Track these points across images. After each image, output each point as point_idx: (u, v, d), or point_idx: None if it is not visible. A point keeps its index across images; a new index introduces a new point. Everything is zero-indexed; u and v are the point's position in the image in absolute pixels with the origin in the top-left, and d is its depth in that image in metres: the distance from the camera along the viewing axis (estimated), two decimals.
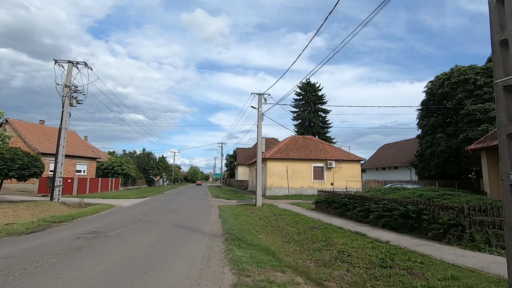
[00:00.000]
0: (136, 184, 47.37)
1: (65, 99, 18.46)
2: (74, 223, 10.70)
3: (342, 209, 11.90)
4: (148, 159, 54.51)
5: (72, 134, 35.89)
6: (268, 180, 26.76)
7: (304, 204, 18.30)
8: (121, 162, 38.76)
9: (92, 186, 29.98)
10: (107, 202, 19.79)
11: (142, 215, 13.02)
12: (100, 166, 38.35)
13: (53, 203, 16.71)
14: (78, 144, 34.73)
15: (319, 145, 30.51)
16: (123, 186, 40.65)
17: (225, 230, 8.86)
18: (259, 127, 18.89)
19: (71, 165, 31.56)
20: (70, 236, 7.95)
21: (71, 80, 18.80)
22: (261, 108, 19.01)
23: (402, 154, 42.43)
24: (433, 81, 30.95)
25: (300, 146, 29.81)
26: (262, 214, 14.51)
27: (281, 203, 20.15)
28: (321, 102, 45.27)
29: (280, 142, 33.00)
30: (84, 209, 15.46)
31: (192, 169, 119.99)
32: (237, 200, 22.98)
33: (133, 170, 40.70)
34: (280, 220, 12.33)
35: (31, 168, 13.99)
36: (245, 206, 18.00)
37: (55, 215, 12.66)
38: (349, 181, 28.04)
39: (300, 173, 27.54)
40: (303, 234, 9.56)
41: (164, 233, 8.57)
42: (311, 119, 43.64)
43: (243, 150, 57.59)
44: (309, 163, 27.82)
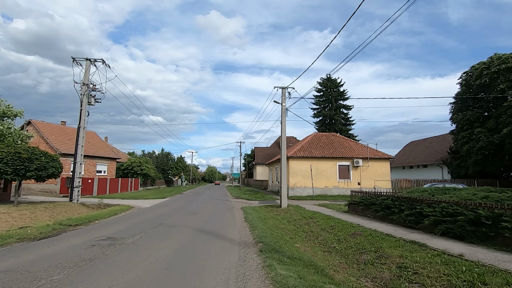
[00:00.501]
0: (155, 184, 47.36)
1: (83, 98, 18.00)
2: (91, 227, 9.91)
3: (384, 212, 10.45)
4: (166, 159, 54.52)
5: (92, 135, 36.12)
6: (291, 180, 25.43)
7: (334, 206, 16.87)
8: (141, 162, 38.66)
9: (112, 186, 29.82)
10: (126, 203, 19.22)
11: (161, 217, 12.13)
12: (120, 167, 38.41)
13: (72, 204, 16.24)
14: (98, 145, 34.85)
15: (344, 142, 28.82)
16: (142, 186, 40.60)
17: (256, 237, 7.70)
18: (283, 123, 17.64)
19: (91, 165, 31.61)
20: (84, 244, 7.07)
21: (89, 78, 18.34)
22: (285, 102, 17.76)
23: (432, 151, 39.79)
24: (469, 72, 28.45)
25: (323, 143, 28.26)
26: (290, 217, 13.26)
27: (307, 204, 18.81)
28: (343, 98, 43.31)
29: (302, 140, 31.57)
30: (103, 210, 14.82)
31: (210, 169, 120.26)
32: (259, 201, 21.84)
33: (152, 170, 40.54)
34: (313, 225, 11.05)
35: (49, 169, 13.46)
36: (269, 208, 16.82)
37: (72, 217, 12.01)
38: (378, 180, 26.21)
39: (325, 172, 26.02)
40: (344, 242, 8.25)
41: (187, 241, 7.53)
42: (332, 116, 41.80)
43: (261, 149, 56.45)
44: (334, 161, 26.24)
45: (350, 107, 43.17)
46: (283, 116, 17.64)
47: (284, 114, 17.72)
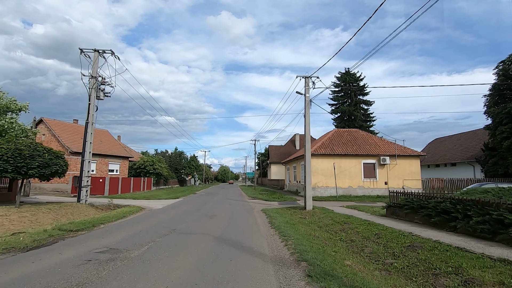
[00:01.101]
0: (168, 183, 46.47)
1: (92, 91, 16.85)
2: (93, 233, 8.54)
3: (441, 218, 8.60)
4: (179, 159, 53.63)
5: (105, 134, 35.41)
6: (312, 179, 23.57)
7: (365, 208, 15.01)
8: (153, 161, 37.73)
9: (124, 186, 28.86)
10: (138, 204, 17.99)
11: (174, 221, 10.68)
12: (133, 166, 37.61)
13: (80, 205, 15.09)
14: (111, 144, 34.07)
15: (368, 138, 26.75)
16: (155, 186, 39.69)
17: (294, 251, 6.07)
18: (307, 116, 15.91)
19: (103, 164, 30.80)
20: (78, 258, 5.64)
21: (97, 71, 17.19)
22: (309, 93, 16.03)
23: (461, 148, 36.97)
24: (506, 61, 25.80)
25: (346, 140, 26.29)
26: (319, 221, 11.55)
27: (333, 205, 17.02)
28: (363, 93, 40.99)
29: (322, 137, 29.68)
30: (111, 212, 13.55)
31: (222, 169, 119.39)
32: (279, 202, 20.18)
33: (165, 170, 39.57)
34: (351, 232, 9.31)
35: (52, 166, 12.27)
36: (291, 210, 15.15)
37: (76, 220, 10.72)
38: (406, 179, 24.05)
39: (348, 170, 24.08)
40: (402, 257, 6.50)
41: (205, 255, 5.99)
42: (352, 112, 39.58)
43: (275, 148, 54.73)
44: (358, 159, 24.26)
45: (370, 103, 40.84)
46: (306, 108, 15.92)
47: (308, 106, 15.99)
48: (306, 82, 15.99)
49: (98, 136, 33.37)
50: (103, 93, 17.74)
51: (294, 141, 55.68)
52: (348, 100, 41.39)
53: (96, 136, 33.86)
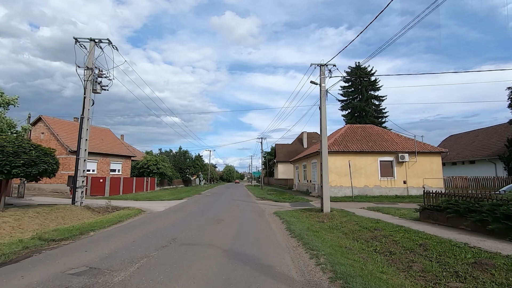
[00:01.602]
0: (173, 183, 45.22)
1: (87, 84, 15.51)
2: (77, 244, 7.12)
3: (501, 225, 6.98)
4: (184, 158, 52.35)
5: (107, 132, 34.24)
6: None
7: (390, 210, 13.37)
8: (157, 160, 36.45)
9: (126, 186, 27.59)
10: (138, 206, 16.63)
11: (175, 228, 9.22)
12: (136, 165, 36.38)
13: (74, 207, 13.75)
14: (112, 142, 32.87)
15: (383, 134, 25.04)
16: (159, 186, 38.44)
17: (332, 274, 4.53)
18: (323, 108, 14.34)
19: (105, 164, 29.59)
20: (44, 283, 4.20)
21: (93, 62, 15.87)
22: (325, 83, 14.45)
23: (480, 145, 34.95)
24: None
25: (360, 136, 24.62)
26: (343, 226, 10.00)
27: (351, 207, 15.43)
28: (374, 88, 39.18)
29: (334, 133, 28.02)
30: (106, 216, 12.16)
31: (228, 168, 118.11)
32: (290, 203, 18.63)
33: (169, 169, 38.27)
34: (386, 241, 7.73)
35: (40, 165, 10.92)
36: (306, 212, 13.61)
37: (61, 227, 9.31)
38: (427, 178, 22.30)
39: (363, 169, 22.41)
40: (471, 280, 4.94)
41: (214, 279, 4.48)
42: (363, 107, 37.80)
43: (282, 147, 53.12)
44: (374, 156, 22.58)
45: (382, 98, 39.02)
46: (322, 99, 14.34)
47: (324, 97, 14.41)
48: (322, 71, 14.41)
49: (99, 135, 32.22)
50: (100, 86, 16.40)
51: (301, 139, 54.01)
52: (358, 95, 39.64)
53: (98, 135, 32.73)
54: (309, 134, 54.19)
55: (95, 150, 28.30)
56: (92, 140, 29.99)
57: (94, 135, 31.24)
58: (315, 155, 24.58)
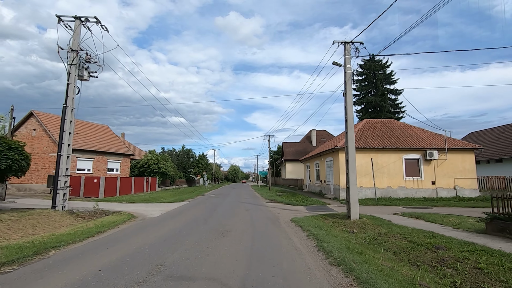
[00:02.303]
0: (175, 184, 43.12)
1: (71, 68, 13.37)
2: (19, 274, 4.88)
3: None
4: (187, 157, 50.21)
5: (105, 129, 32.24)
6: (341, 178, 19.59)
7: (437, 218, 10.91)
8: (158, 159, 34.34)
9: (124, 186, 25.47)
10: (132, 209, 14.45)
11: (167, 245, 6.96)
12: (136, 164, 34.33)
13: (54, 212, 11.59)
14: (110, 140, 30.83)
15: (406, 130, 22.50)
16: (160, 187, 36.36)
17: None
18: (348, 94, 11.96)
19: (101, 162, 27.54)
20: None
21: (78, 43, 13.73)
22: (350, 63, 12.06)
23: (507, 143, 32.10)
24: None
25: (380, 132, 22.13)
26: (386, 241, 7.61)
27: (380, 212, 13.03)
28: (390, 81, 36.55)
29: None
30: (85, 225, 9.95)
31: (233, 168, 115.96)
32: (306, 207, 16.26)
33: (171, 169, 36.15)
34: (462, 267, 5.35)
35: (2, 162, 8.77)
36: (329, 219, 11.25)
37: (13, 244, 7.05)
38: (459, 178, 19.72)
39: (386, 167, 19.94)
40: None
41: None
42: (378, 102, 35.21)
43: (290, 145, 50.69)
44: (398, 154, 20.08)
45: (399, 92, 36.34)
46: (347, 83, 11.95)
47: (350, 81, 12.02)
48: (347, 50, 12.01)
49: (97, 132, 30.22)
50: (88, 72, 14.25)
51: (310, 137, 51.55)
52: (372, 89, 37.03)
53: (95, 132, 30.75)
54: (318, 132, 51.70)
55: (91, 148, 26.27)
56: (89, 137, 28.00)
57: (91, 132, 29.25)
58: (329, 153, 22.15)
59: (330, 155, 22.15)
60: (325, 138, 51.50)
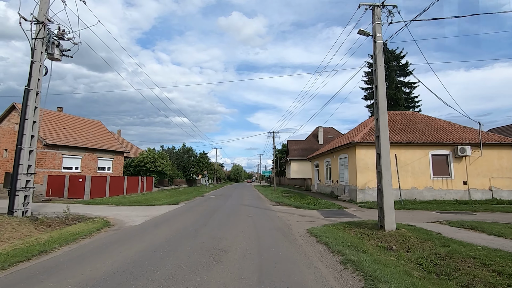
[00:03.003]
0: (174, 183, 40.79)
1: (37, 44, 11.00)
2: None
3: None
4: (187, 156, 47.88)
5: (96, 125, 29.95)
6: (359, 178, 17.05)
7: (500, 230, 8.34)
8: (155, 157, 31.99)
9: (115, 186, 23.14)
10: (112, 215, 12.07)
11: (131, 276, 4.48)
12: (131, 163, 32.03)
13: (9, 219, 9.26)
14: (102, 136, 28.52)
15: (431, 123, 19.86)
16: (158, 187, 34.04)
17: None
18: (379, 70, 9.47)
19: (91, 160, 25.22)
20: None
21: (46, 12, 11.35)
22: (381, 32, 9.55)
23: None
24: None
25: (402, 125, 19.53)
26: (456, 269, 5.09)
27: (415, 220, 10.50)
28: (404, 73, 33.83)
29: (364, 123, 22.91)
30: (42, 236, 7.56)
31: (235, 168, 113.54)
32: (320, 211, 13.74)
33: (168, 168, 33.78)
34: None
35: None
36: (355, 230, 8.75)
37: None
38: (495, 177, 17.07)
39: (410, 165, 17.34)
40: None
41: None
42: (392, 95, 32.53)
43: (295, 143, 48.13)
44: (424, 149, 17.49)
45: (414, 85, 33.63)
46: (378, 56, 9.47)
47: (381, 53, 9.54)
48: (376, 15, 9.51)
49: (87, 128, 27.91)
50: (60, 50, 11.87)
51: (316, 134, 48.97)
52: (386, 82, 34.32)
53: (86, 128, 28.44)
54: (324, 130, 49.10)
55: (79, 144, 23.97)
56: (78, 132, 25.69)
57: (81, 127, 26.95)
58: (344, 149, 19.60)
59: (345, 152, 19.59)
60: (332, 136, 48.85)
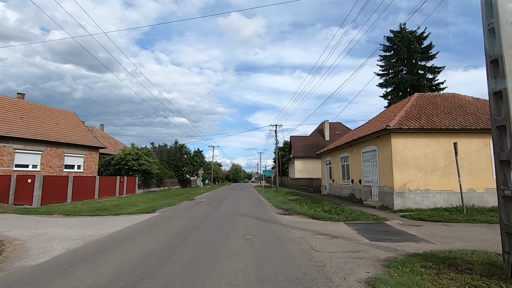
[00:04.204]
0: (164, 184, 36.26)
1: None
2: None
3: None
4: (180, 154, 43.33)
5: (68, 115, 25.38)
6: (397, 177, 12.58)
7: None
8: (138, 154, 27.48)
9: (81, 189, 18.59)
10: (34, 234, 7.53)
11: None
12: (110, 161, 27.51)
13: None
14: (72, 128, 23.97)
15: (483, 106, 15.36)
16: (143, 188, 29.51)
17: None
18: None
19: (55, 156, 20.66)
20: None
21: None
22: None
23: None
24: None
25: (445, 108, 15.06)
26: None
27: None
28: (427, 56, 29.38)
29: (394, 107, 18.37)
30: None
31: (234, 167, 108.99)
32: (351, 226, 9.22)
33: (155, 166, 29.26)
34: None
35: None
36: (458, 278, 4.20)
37: None
38: None
39: (466, 160, 12.85)
40: None
41: None
42: (414, 82, 28.07)
43: (300, 140, 43.65)
44: (483, 138, 13.03)
45: (438, 69, 29.17)
46: None
47: None
48: None
49: (54, 118, 23.28)
50: None
51: (322, 130, 44.52)
52: (404, 67, 29.90)
53: (51, 118, 23.61)
54: (331, 125, 44.65)
55: (38, 137, 19.41)
56: (39, 123, 21.00)
57: (45, 117, 22.27)
58: (371, 139, 15.13)
59: (372, 143, 15.11)
60: (340, 131, 44.37)
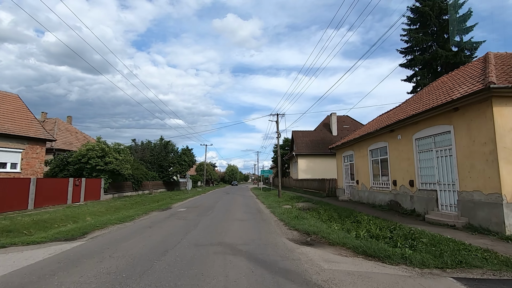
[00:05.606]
0: (144, 187, 30.40)
1: None
2: None
3: None
4: (165, 152, 37.55)
5: (9, 99, 19.56)
6: (506, 175, 7.01)
7: None
8: (104, 150, 21.68)
9: (4, 197, 12.82)
10: None
11: None
12: (67, 158, 21.67)
13: None
14: (10, 115, 18.15)
15: None
16: (113, 192, 23.69)
17: None
18: None
19: None
20: None
21: None
22: None
23: None
24: None
25: None
26: None
27: None
28: (462, 29, 23.99)
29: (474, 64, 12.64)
30: None
31: (230, 169, 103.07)
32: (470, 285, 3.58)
33: (126, 165, 23.42)
34: None
35: None
36: None
37: None
38: None
39: None
40: None
41: None
42: (450, 58, 22.64)
43: (303, 135, 38.03)
44: None
45: (476, 45, 23.78)
46: None
47: None
48: None
49: None
50: None
51: (328, 124, 38.99)
52: (433, 42, 24.46)
53: None
54: (339, 118, 39.21)
55: None
56: None
57: None
58: (442, 114, 9.54)
59: (441, 121, 9.48)
60: (349, 125, 38.92)
